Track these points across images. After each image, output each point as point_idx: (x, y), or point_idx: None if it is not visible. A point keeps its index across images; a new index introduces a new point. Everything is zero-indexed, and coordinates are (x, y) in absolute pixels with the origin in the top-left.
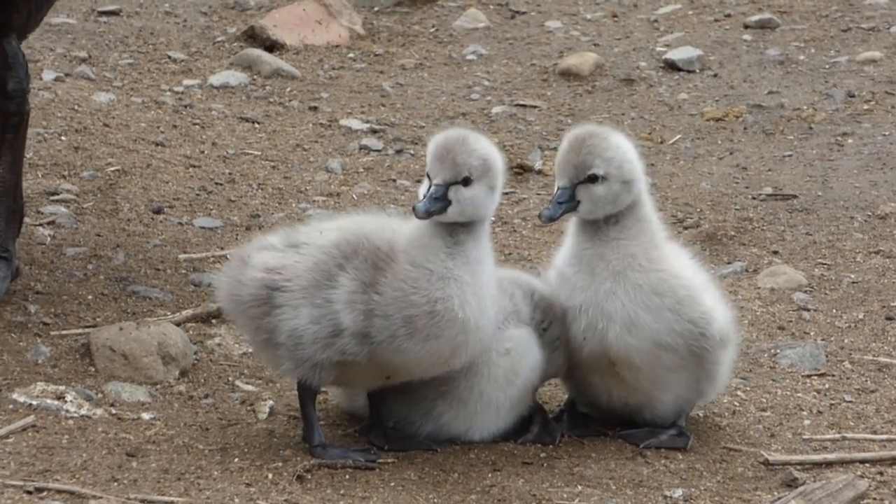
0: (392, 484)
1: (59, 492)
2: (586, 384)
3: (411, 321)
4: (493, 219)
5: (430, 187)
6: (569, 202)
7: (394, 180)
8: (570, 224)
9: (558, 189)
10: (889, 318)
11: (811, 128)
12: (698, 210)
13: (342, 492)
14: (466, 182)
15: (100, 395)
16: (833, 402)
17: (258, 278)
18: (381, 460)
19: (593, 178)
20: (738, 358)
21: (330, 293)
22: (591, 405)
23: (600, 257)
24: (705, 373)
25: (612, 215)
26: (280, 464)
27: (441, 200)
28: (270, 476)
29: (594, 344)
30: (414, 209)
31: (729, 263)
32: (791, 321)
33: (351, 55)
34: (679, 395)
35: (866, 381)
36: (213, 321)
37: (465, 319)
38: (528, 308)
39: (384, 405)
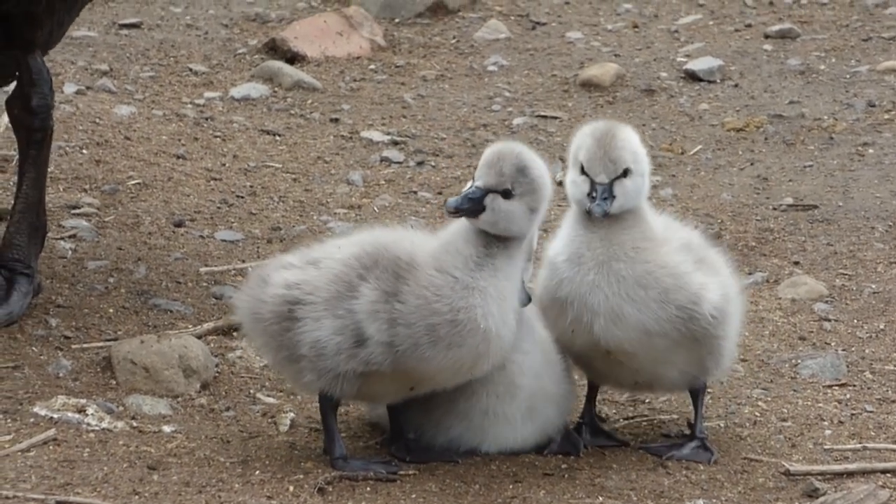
0: (413, 496)
1: None
2: (592, 368)
3: (434, 329)
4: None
5: (471, 187)
6: (612, 197)
7: (415, 192)
8: (568, 215)
9: (597, 185)
10: None
11: (832, 138)
12: (719, 221)
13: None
14: (507, 194)
15: (121, 408)
16: (854, 412)
17: (279, 295)
18: (402, 472)
19: (626, 172)
20: (759, 368)
21: (352, 304)
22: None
23: (587, 246)
24: (707, 349)
25: None
26: (301, 476)
27: (475, 202)
28: (292, 489)
29: (583, 336)
30: (446, 202)
31: (750, 274)
32: (812, 331)
33: (372, 67)
34: (684, 370)
35: (888, 391)
36: (235, 334)
37: (488, 329)
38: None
39: (404, 417)
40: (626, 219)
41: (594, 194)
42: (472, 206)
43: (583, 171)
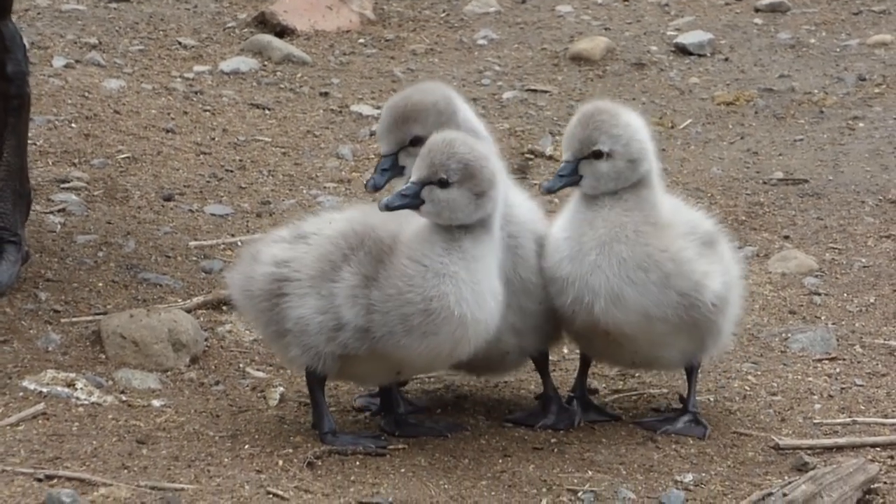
0: (403, 470)
1: (70, 479)
2: (590, 347)
3: (407, 319)
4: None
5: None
6: (570, 176)
7: None
8: (574, 194)
9: (563, 162)
10: None
11: (822, 112)
12: (709, 195)
13: (353, 478)
14: (443, 183)
15: (110, 383)
16: (844, 386)
17: (268, 273)
18: (391, 447)
19: (598, 154)
20: (749, 342)
21: (333, 286)
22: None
23: (590, 224)
24: (707, 331)
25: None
26: (291, 450)
27: (410, 197)
28: (281, 463)
29: (584, 316)
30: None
31: (740, 248)
32: (802, 305)
33: (362, 40)
34: (683, 350)
35: (877, 364)
36: (224, 308)
37: (462, 315)
38: None
39: (394, 392)
40: (627, 200)
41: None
42: (408, 202)
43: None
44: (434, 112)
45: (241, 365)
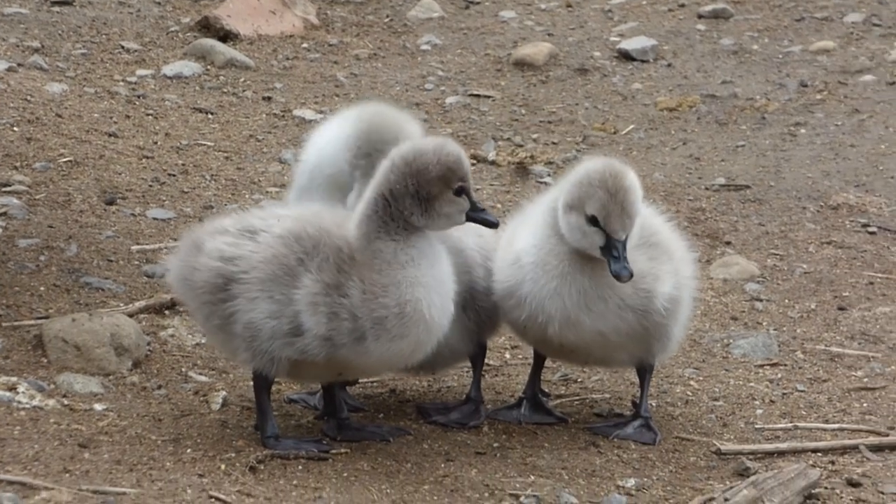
0: (345, 475)
1: (11, 483)
2: (544, 350)
3: (381, 322)
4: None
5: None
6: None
7: None
8: (539, 211)
9: (617, 242)
10: (841, 308)
11: (764, 118)
12: (651, 200)
13: (295, 482)
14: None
15: (52, 387)
16: (785, 391)
17: (213, 267)
18: (333, 451)
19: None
20: (691, 348)
21: (291, 292)
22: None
23: (556, 255)
24: (657, 336)
25: None
26: (233, 454)
27: None
28: (223, 467)
29: (536, 333)
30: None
31: None
32: (744, 311)
33: (305, 45)
34: (634, 354)
35: (818, 370)
36: (167, 312)
37: (431, 319)
38: None
39: (338, 396)
40: None
41: (616, 253)
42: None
43: (593, 223)
44: None
45: (183, 369)
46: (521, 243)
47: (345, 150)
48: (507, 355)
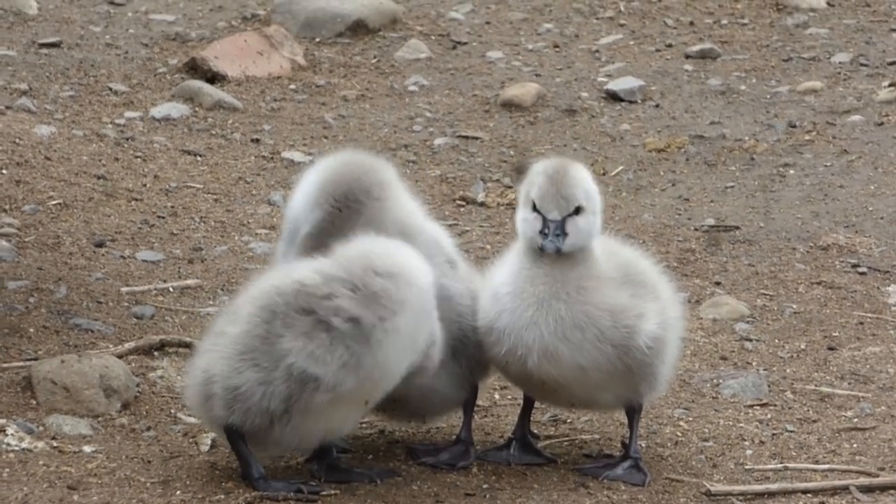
0: None
1: None
2: (529, 391)
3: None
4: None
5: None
6: (563, 234)
7: None
8: (515, 247)
9: (549, 222)
10: (831, 349)
11: (753, 158)
12: (641, 242)
13: None
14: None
15: (41, 428)
16: (775, 431)
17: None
18: (323, 493)
19: (578, 210)
20: (680, 388)
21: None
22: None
23: (531, 281)
24: (642, 376)
25: None
26: (222, 496)
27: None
28: None
29: (517, 367)
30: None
31: None
32: (734, 351)
33: (293, 86)
34: (619, 395)
35: (808, 410)
36: (156, 354)
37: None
38: None
39: None
40: (574, 256)
41: (546, 231)
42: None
43: (535, 209)
44: None
45: (172, 410)
46: (498, 277)
47: (314, 207)
48: (497, 395)
